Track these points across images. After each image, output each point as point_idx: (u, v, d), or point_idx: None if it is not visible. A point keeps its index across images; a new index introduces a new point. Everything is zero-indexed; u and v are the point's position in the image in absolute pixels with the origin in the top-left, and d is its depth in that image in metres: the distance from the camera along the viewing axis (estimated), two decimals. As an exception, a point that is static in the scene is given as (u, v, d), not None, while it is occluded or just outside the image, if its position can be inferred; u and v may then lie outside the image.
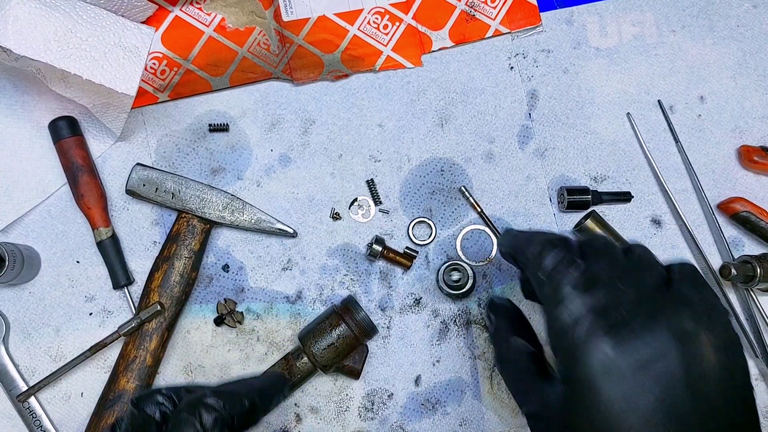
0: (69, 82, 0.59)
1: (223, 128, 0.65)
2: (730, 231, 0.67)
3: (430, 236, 0.65)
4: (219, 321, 0.63)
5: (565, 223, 0.66)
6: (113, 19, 0.57)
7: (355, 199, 0.65)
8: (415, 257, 0.64)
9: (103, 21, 0.56)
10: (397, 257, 0.64)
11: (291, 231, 0.63)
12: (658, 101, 0.68)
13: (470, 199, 0.65)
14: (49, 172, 0.64)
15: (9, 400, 0.61)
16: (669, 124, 0.68)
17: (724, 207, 0.66)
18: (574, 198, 0.65)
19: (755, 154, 0.66)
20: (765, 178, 0.67)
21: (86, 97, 0.60)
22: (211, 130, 0.65)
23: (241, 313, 0.63)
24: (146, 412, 0.44)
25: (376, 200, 0.65)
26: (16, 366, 0.62)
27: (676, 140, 0.67)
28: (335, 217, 0.65)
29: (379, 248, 0.63)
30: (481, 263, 0.65)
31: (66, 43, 0.54)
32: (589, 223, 0.64)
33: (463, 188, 0.65)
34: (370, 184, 0.66)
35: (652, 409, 0.34)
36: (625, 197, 0.66)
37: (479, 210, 0.65)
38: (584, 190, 0.65)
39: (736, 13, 0.69)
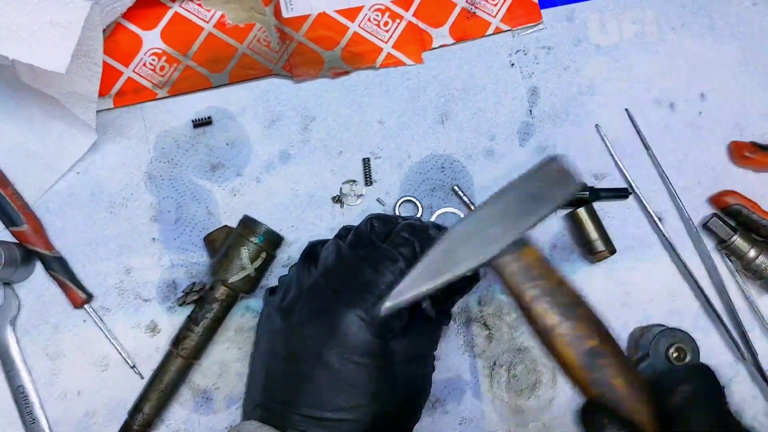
0: (36, 71, 0.58)
1: (206, 122, 0.65)
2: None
3: (416, 215, 0.65)
4: (182, 301, 0.60)
5: (565, 220, 0.66)
6: None
7: (348, 180, 0.65)
8: None
9: None
10: None
11: None
12: (626, 109, 0.67)
13: (464, 197, 0.65)
14: (45, 170, 0.63)
15: (5, 381, 0.61)
16: (639, 133, 0.68)
17: (716, 200, 0.66)
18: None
19: (746, 149, 0.66)
20: (762, 175, 0.67)
21: (53, 86, 0.59)
22: (195, 126, 0.65)
23: (202, 282, 0.61)
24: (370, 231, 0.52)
25: (368, 180, 0.65)
26: (20, 348, 0.61)
27: (647, 148, 0.67)
28: (336, 200, 0.65)
29: None
30: None
31: None
32: (581, 212, 0.64)
33: (455, 187, 0.65)
34: (366, 162, 0.65)
35: None
36: (622, 193, 0.66)
37: (473, 208, 0.65)
38: (582, 187, 0.65)
39: (737, 10, 0.70)
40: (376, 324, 0.48)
